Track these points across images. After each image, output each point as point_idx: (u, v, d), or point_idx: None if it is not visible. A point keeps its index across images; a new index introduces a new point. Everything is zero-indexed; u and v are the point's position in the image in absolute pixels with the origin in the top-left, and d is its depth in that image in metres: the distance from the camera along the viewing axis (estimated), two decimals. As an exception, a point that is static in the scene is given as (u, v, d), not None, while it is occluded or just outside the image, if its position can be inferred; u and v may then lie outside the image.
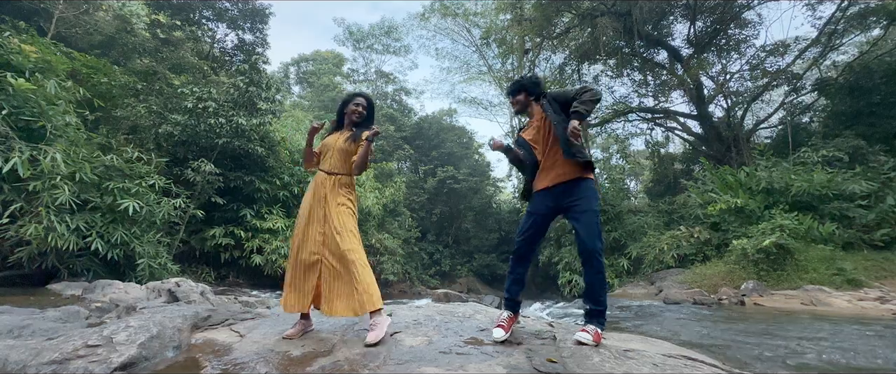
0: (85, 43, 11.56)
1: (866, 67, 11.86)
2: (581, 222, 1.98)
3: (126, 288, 4.95)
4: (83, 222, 6.02)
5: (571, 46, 16.44)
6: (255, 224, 10.47)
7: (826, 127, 12.96)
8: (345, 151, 2.36)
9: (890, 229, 7.58)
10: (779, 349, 2.63)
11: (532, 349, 1.71)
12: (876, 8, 11.71)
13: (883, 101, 11.15)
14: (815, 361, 2.43)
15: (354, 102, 2.47)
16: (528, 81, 2.36)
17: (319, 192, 2.27)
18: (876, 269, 6.91)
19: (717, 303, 6.06)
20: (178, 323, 1.87)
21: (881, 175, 8.46)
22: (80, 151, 6.46)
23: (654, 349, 1.80)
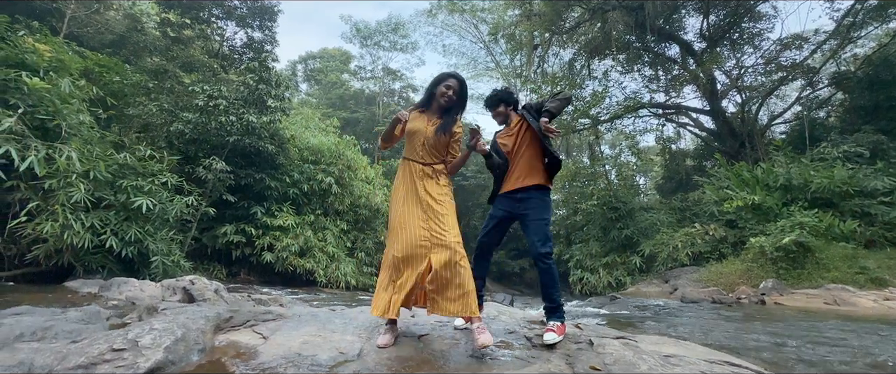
0: (96, 42, 11.63)
1: (886, 59, 11.56)
2: (531, 228, 2.19)
3: (141, 286, 4.96)
4: (97, 219, 6.04)
5: (581, 42, 16.24)
6: (266, 222, 10.51)
7: (843, 122, 12.68)
8: (435, 145, 2.16)
9: (914, 226, 7.39)
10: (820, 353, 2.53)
11: (570, 354, 1.65)
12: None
13: (904, 94, 10.87)
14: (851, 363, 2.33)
15: (446, 84, 2.18)
16: (504, 93, 2.52)
17: (415, 183, 2.11)
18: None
19: (737, 302, 5.94)
20: (201, 325, 1.83)
21: (903, 171, 8.24)
22: (94, 149, 6.49)
23: (693, 354, 1.72)
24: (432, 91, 2.21)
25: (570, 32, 16.03)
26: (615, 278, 10.54)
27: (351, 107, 24.16)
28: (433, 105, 2.23)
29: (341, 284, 11.08)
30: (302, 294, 8.65)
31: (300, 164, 12.13)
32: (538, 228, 2.17)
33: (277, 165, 11.38)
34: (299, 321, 2.15)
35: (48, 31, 8.64)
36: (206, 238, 9.99)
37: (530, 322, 2.41)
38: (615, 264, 10.94)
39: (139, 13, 12.35)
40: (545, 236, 2.15)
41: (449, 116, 2.20)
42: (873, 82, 11.55)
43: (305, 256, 10.75)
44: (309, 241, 10.86)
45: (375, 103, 24.23)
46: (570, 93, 2.21)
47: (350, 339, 1.88)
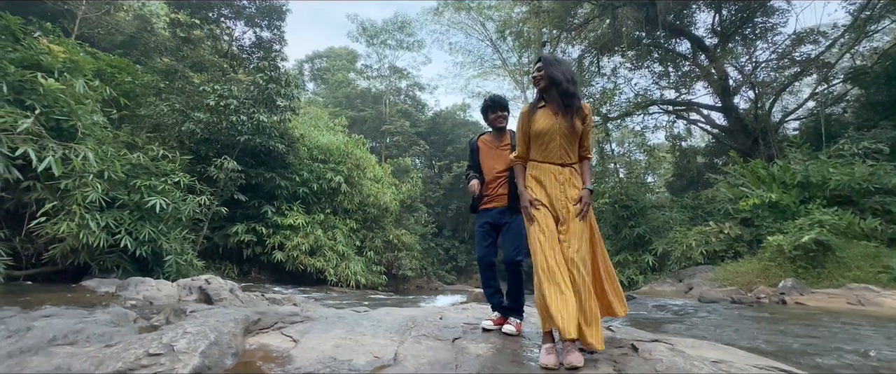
0: (107, 43, 11.71)
1: (905, 54, 11.32)
2: (507, 237, 2.33)
3: (158, 286, 4.97)
4: (112, 219, 6.06)
5: (590, 38, 16.08)
6: (276, 221, 10.54)
7: (859, 118, 12.43)
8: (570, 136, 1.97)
9: (936, 224, 7.22)
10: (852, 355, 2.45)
11: (616, 360, 1.59)
12: (916, -8, 11.13)
13: (923, 90, 10.63)
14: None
15: (536, 68, 2.06)
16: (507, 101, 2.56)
17: (555, 188, 1.96)
18: (924, 266, 6.57)
19: (757, 302, 5.84)
20: (231, 328, 1.80)
21: (924, 168, 8.05)
22: (108, 149, 6.52)
23: (738, 360, 1.66)
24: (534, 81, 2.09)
25: (578, 29, 15.88)
26: (628, 277, 10.43)
27: (358, 106, 24.18)
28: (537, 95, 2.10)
29: (351, 282, 11.09)
30: (313, 293, 8.65)
31: (309, 163, 12.14)
32: (514, 237, 2.31)
33: (287, 164, 11.40)
34: (327, 324, 2.11)
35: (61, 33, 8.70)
36: (218, 237, 10.03)
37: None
38: (627, 263, 10.84)
39: (149, 14, 12.41)
40: (520, 246, 2.30)
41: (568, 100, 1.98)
42: (891, 77, 11.31)
43: (315, 255, 10.77)
44: (319, 240, 10.87)
45: (382, 102, 24.21)
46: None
47: (382, 342, 1.84)
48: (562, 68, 1.98)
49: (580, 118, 1.98)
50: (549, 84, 1.96)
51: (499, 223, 2.38)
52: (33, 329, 1.62)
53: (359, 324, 2.12)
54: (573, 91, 1.95)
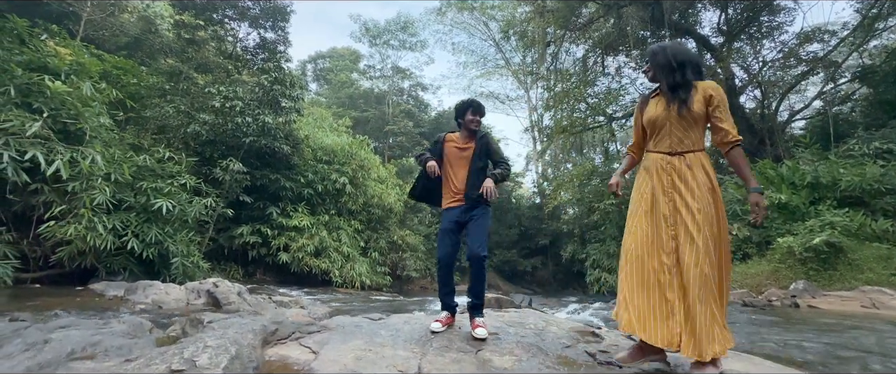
0: (111, 44, 11.70)
1: (914, 52, 11.20)
2: (473, 232, 2.37)
3: (166, 289, 4.95)
4: (119, 221, 6.07)
5: (595, 38, 16.00)
6: (281, 222, 10.53)
7: (868, 117, 12.31)
8: (683, 122, 1.82)
9: (948, 225, 7.13)
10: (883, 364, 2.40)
11: None
12: (925, -10, 11.01)
13: (934, 88, 10.51)
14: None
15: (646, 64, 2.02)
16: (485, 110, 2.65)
17: (661, 179, 1.83)
18: (937, 268, 6.49)
19: (769, 305, 5.77)
20: (250, 340, 1.77)
21: (936, 167, 7.96)
22: (114, 151, 6.51)
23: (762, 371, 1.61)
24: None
25: (583, 28, 15.80)
26: (634, 279, 10.37)
27: (361, 106, 24.16)
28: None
29: (356, 284, 11.08)
30: (319, 295, 8.63)
31: (314, 164, 12.13)
32: (480, 232, 2.36)
33: (292, 165, 11.39)
34: (345, 334, 2.07)
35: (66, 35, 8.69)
36: (223, 239, 10.02)
37: (581, 333, 2.31)
38: (633, 264, 10.76)
39: (153, 15, 12.41)
40: (485, 241, 2.36)
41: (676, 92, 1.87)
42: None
43: (320, 256, 10.75)
44: (324, 241, 10.86)
45: (385, 102, 24.19)
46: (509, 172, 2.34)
47: (404, 355, 1.80)
48: (666, 54, 1.89)
49: (700, 100, 1.80)
50: (655, 74, 1.92)
51: (463, 221, 2.42)
52: (51, 342, 1.59)
53: (377, 334, 2.08)
54: (678, 79, 1.83)
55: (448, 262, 2.41)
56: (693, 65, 1.85)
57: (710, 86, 1.83)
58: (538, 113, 22.36)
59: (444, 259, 2.40)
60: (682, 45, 1.96)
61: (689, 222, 1.72)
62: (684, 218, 1.74)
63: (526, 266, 19.49)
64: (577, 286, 17.60)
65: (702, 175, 1.78)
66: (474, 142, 2.53)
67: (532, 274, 20.00)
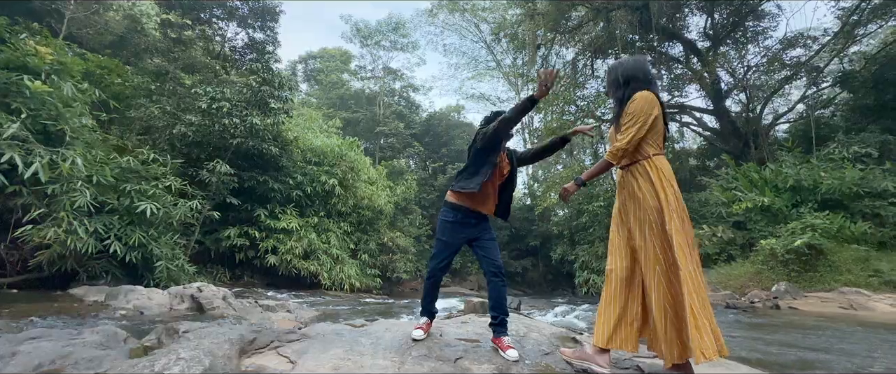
0: (96, 43, 11.49)
1: (892, 58, 11.50)
2: (492, 250, 2.27)
3: (149, 294, 4.87)
4: (101, 224, 5.95)
5: (584, 41, 16.15)
6: (269, 224, 10.42)
7: (848, 121, 12.61)
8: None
9: (925, 227, 7.34)
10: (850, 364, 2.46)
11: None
12: (903, -3, 11.32)
13: (911, 93, 10.82)
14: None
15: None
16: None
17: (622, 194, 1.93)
18: (913, 270, 6.67)
19: (751, 307, 5.87)
20: (226, 350, 1.75)
21: (913, 171, 8.18)
22: (97, 153, 6.39)
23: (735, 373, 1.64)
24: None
25: (573, 32, 15.94)
26: (621, 280, 10.47)
27: (351, 107, 24.05)
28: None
29: (346, 286, 11.01)
30: (307, 298, 8.56)
31: (303, 165, 12.04)
32: (496, 245, 2.31)
33: (280, 167, 11.29)
34: (325, 342, 2.06)
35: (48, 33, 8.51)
36: (209, 241, 9.89)
37: (562, 339, 2.33)
38: (621, 266, 10.87)
39: (139, 14, 12.21)
40: (500, 257, 2.30)
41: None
42: (878, 81, 11.49)
43: (309, 258, 10.67)
44: (312, 243, 10.78)
45: (376, 103, 24.12)
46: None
47: (383, 363, 1.80)
48: (616, 71, 1.96)
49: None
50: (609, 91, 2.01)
51: (472, 237, 2.30)
52: (18, 355, 1.55)
53: (357, 342, 2.07)
54: (621, 96, 1.91)
55: (442, 276, 2.33)
56: (640, 80, 1.89)
57: (636, 97, 1.85)
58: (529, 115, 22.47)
59: (440, 274, 2.31)
60: (638, 60, 1.98)
61: (638, 233, 1.80)
62: (634, 229, 1.82)
63: (516, 267, 19.56)
64: (566, 287, 17.71)
65: (646, 184, 1.81)
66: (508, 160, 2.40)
67: (523, 276, 20.07)
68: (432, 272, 2.30)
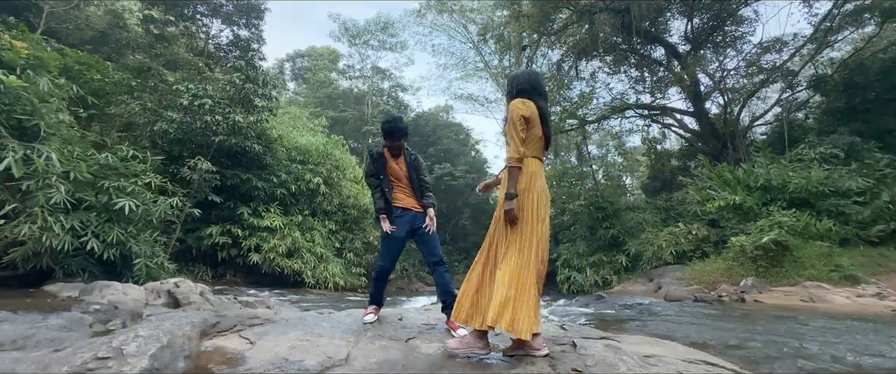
0: (76, 38, 11.33)
1: (861, 63, 11.94)
2: (433, 243, 2.56)
3: (125, 290, 4.86)
4: (78, 221, 5.91)
5: (569, 43, 16.39)
6: (253, 222, 10.40)
7: (821, 124, 13.05)
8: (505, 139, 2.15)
9: (885, 225, 7.66)
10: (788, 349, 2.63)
11: (554, 356, 1.69)
12: (871, 5, 11.77)
13: (877, 97, 11.24)
14: (827, 360, 2.44)
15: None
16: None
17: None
18: (872, 265, 6.98)
19: (718, 300, 6.10)
20: (187, 331, 1.82)
21: (876, 172, 8.52)
22: (74, 149, 6.34)
23: (672, 354, 1.78)
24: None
25: (558, 33, 16.18)
26: (602, 277, 10.70)
27: (339, 106, 24.00)
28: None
29: (330, 284, 11.03)
30: (290, 296, 8.58)
31: (288, 164, 12.02)
32: (436, 238, 2.58)
33: (264, 165, 11.26)
34: (287, 326, 2.15)
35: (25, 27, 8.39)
36: (191, 239, 9.83)
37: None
38: (602, 263, 11.11)
39: (121, 9, 12.07)
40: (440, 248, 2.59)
41: None
42: (848, 86, 11.92)
43: (293, 257, 10.67)
44: (296, 242, 10.78)
45: (364, 102, 24.12)
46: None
47: (338, 344, 1.89)
48: (511, 83, 2.12)
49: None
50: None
51: (415, 227, 2.57)
52: (-20, 335, 1.61)
53: (318, 326, 2.16)
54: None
55: (389, 272, 2.60)
56: (528, 91, 2.03)
57: (510, 105, 2.00)
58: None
59: (389, 269, 2.57)
60: (531, 74, 2.11)
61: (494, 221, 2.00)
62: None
63: (503, 267, 19.74)
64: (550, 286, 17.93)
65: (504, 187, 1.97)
66: (405, 160, 2.68)
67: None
68: (384, 269, 2.57)
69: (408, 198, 2.62)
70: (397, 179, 2.64)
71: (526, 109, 1.95)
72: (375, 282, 2.60)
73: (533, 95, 2.03)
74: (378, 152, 2.68)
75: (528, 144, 1.96)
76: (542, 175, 2.03)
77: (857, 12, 12.18)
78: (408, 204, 2.60)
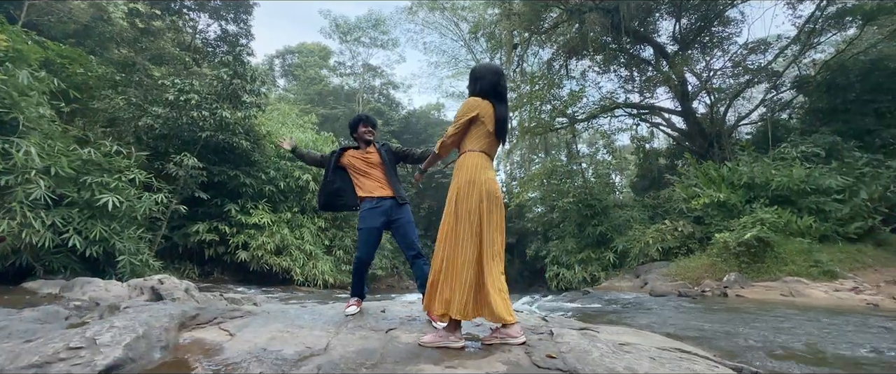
0: (58, 31, 11.08)
1: (843, 65, 12.20)
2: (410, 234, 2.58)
3: (107, 286, 4.80)
4: (59, 217, 5.82)
5: (559, 42, 16.49)
6: (241, 219, 10.30)
7: (804, 123, 13.33)
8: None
9: (863, 222, 7.85)
10: (764, 339, 2.70)
11: (530, 344, 1.72)
12: (853, 8, 12.03)
13: (858, 98, 11.50)
14: (801, 349, 2.51)
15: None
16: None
17: None
18: (850, 260, 7.16)
19: (701, 295, 6.21)
20: (164, 322, 1.81)
21: (855, 170, 8.73)
22: (55, 144, 6.23)
23: (647, 342, 1.82)
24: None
25: (548, 32, 16.26)
26: (590, 274, 10.82)
27: (330, 103, 23.84)
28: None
29: (319, 282, 10.98)
30: (278, 293, 8.52)
31: (277, 161, 11.93)
32: (414, 230, 2.60)
33: (253, 161, 11.16)
34: (268, 318, 2.14)
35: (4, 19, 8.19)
36: (177, 237, 9.71)
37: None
38: (590, 260, 11.23)
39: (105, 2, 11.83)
40: (418, 240, 2.59)
41: None
42: (830, 86, 12.18)
43: (282, 254, 10.59)
44: (285, 239, 10.70)
45: (355, 100, 23.99)
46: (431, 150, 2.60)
47: (318, 334, 1.90)
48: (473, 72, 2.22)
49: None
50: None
51: (392, 218, 2.58)
52: (-50, 327, 1.59)
53: (299, 318, 2.16)
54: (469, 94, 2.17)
55: (369, 262, 2.60)
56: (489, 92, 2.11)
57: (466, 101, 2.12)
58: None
59: (369, 259, 2.57)
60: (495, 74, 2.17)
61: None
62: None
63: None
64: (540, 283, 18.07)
65: (455, 173, 2.10)
66: (376, 150, 2.73)
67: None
68: (362, 259, 2.56)
69: (382, 188, 2.63)
70: (365, 171, 2.67)
71: (476, 111, 2.05)
72: (355, 273, 2.61)
73: (491, 97, 2.10)
74: (340, 149, 2.81)
75: (473, 140, 2.09)
76: (490, 169, 2.08)
77: (839, 15, 12.44)
78: (382, 193, 2.61)
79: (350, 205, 2.76)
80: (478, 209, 1.94)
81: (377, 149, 2.74)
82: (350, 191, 2.71)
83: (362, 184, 2.65)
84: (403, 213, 2.60)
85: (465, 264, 1.83)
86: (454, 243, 1.89)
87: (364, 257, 2.54)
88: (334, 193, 2.76)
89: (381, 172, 2.66)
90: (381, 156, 2.69)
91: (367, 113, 2.85)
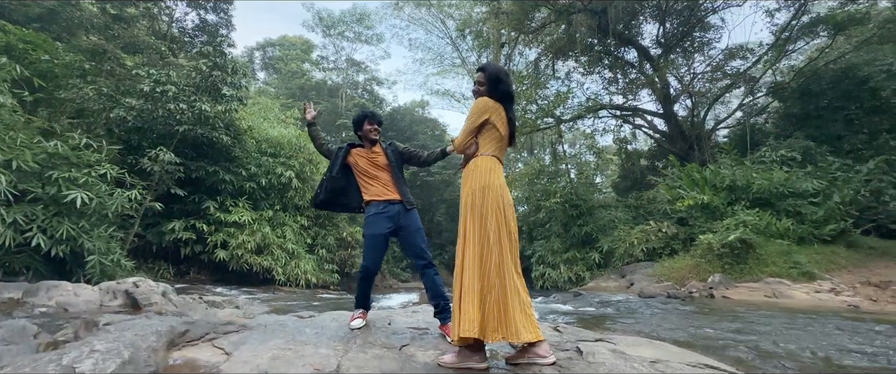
0: (21, 15, 10.34)
1: (815, 72, 12.68)
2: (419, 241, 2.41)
3: (75, 290, 4.46)
4: (21, 214, 5.41)
5: (546, 42, 16.55)
6: (220, 217, 9.89)
7: (779, 128, 13.81)
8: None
9: (836, 224, 8.16)
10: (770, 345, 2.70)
11: (562, 364, 1.62)
12: (825, 18, 12.51)
13: (829, 105, 11.97)
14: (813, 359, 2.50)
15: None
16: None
17: None
18: (825, 262, 7.42)
19: (689, 296, 6.30)
20: (151, 342, 1.63)
21: (828, 174, 9.08)
22: (17, 135, 5.78)
23: (676, 358, 1.75)
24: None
25: (536, 32, 16.28)
26: (575, 274, 10.90)
27: (312, 98, 23.27)
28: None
29: (301, 282, 10.67)
30: (259, 294, 8.21)
31: (258, 156, 11.51)
32: (423, 237, 2.44)
33: (233, 157, 10.73)
34: (265, 333, 1.97)
35: (-41, 0, 7.57)
36: (152, 235, 9.24)
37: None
38: (575, 260, 11.31)
39: (72, -15, 11.11)
40: (428, 247, 2.43)
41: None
42: (804, 93, 12.64)
43: (263, 253, 10.24)
44: (266, 237, 10.35)
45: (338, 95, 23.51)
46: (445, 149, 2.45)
47: (325, 352, 1.74)
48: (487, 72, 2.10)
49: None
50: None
51: (400, 225, 2.42)
52: None
53: (301, 332, 2.00)
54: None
55: (375, 272, 2.40)
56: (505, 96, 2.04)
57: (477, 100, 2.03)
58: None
59: (376, 268, 2.38)
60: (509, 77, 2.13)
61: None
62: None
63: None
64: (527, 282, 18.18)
65: (467, 183, 1.97)
66: (382, 150, 2.57)
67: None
68: (368, 269, 2.37)
69: (389, 191, 2.45)
70: (371, 173, 2.49)
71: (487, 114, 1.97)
72: (361, 284, 2.42)
73: (505, 101, 2.03)
74: (347, 146, 2.61)
75: (484, 143, 1.99)
76: (501, 174, 2.00)
77: (812, 24, 12.93)
78: (389, 197, 2.43)
79: (352, 207, 2.60)
80: (495, 217, 1.82)
81: (383, 149, 2.58)
82: (354, 192, 2.54)
83: (368, 186, 2.49)
84: (411, 219, 2.44)
85: (488, 279, 1.71)
86: (475, 257, 1.76)
87: (371, 267, 2.37)
88: (338, 191, 2.57)
89: (388, 175, 2.50)
90: (389, 157, 2.53)
91: (373, 110, 2.66)
